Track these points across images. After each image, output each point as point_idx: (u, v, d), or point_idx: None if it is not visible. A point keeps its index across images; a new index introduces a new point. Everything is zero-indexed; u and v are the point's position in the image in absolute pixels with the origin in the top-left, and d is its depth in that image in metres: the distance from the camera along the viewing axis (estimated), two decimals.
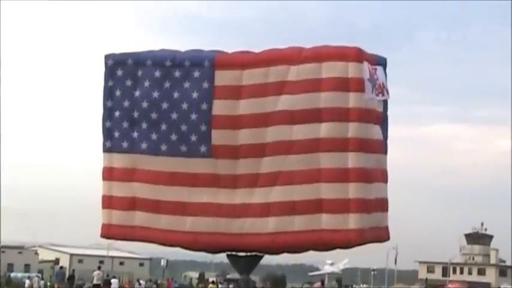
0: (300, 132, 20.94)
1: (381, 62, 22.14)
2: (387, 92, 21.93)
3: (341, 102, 20.73)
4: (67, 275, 55.24)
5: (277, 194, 21.17)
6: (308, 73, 20.96)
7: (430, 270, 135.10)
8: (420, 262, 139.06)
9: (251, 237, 21.45)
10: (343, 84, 20.71)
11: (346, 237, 20.72)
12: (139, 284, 57.93)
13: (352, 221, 20.54)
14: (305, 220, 20.86)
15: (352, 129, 20.72)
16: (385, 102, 22.06)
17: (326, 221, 20.70)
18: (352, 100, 20.73)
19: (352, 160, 20.66)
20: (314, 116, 20.84)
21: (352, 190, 20.61)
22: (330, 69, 20.83)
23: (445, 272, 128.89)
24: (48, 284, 62.80)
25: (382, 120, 21.86)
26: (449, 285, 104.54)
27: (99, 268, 52.85)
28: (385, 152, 22.24)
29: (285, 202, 21.05)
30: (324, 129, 20.81)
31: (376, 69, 21.50)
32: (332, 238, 20.86)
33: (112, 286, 55.29)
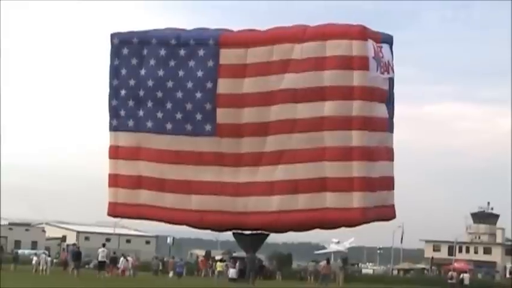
0: (303, 110, 20.96)
1: (387, 40, 22.11)
2: (392, 70, 21.91)
3: (345, 81, 20.74)
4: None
5: (281, 172, 21.23)
6: (312, 51, 20.96)
7: (436, 249, 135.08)
8: (426, 241, 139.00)
9: (256, 216, 21.54)
10: (347, 63, 20.72)
11: (349, 215, 20.80)
12: (127, 260, 57.70)
13: (356, 200, 20.62)
14: (309, 199, 20.94)
15: (356, 108, 20.73)
16: (390, 80, 22.04)
17: (330, 199, 20.78)
18: (356, 78, 20.74)
19: (356, 139, 20.69)
20: (318, 94, 20.86)
21: (356, 169, 20.66)
22: (334, 48, 20.83)
23: (451, 251, 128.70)
24: (55, 261, 63.11)
25: (387, 98, 21.84)
26: (455, 264, 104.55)
27: (103, 245, 53.00)
28: (391, 131, 22.25)
29: (288, 181, 21.12)
30: (328, 108, 20.84)
31: (381, 48, 21.48)
32: (335, 217, 20.95)
33: (124, 264, 55.59)
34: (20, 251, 77.93)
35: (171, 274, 60.51)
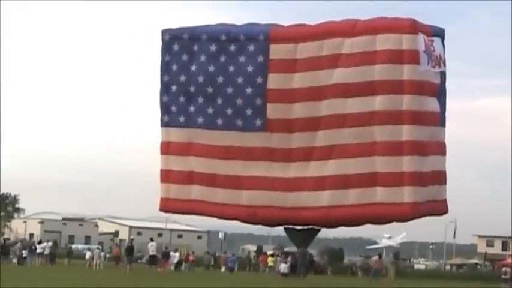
0: (353, 105, 20.89)
1: (439, 33, 21.91)
2: (444, 64, 21.70)
3: (395, 75, 20.61)
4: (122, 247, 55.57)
5: (331, 167, 21.19)
6: (362, 46, 20.87)
7: (490, 244, 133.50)
8: (479, 236, 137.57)
9: (307, 211, 21.54)
10: (398, 57, 20.58)
11: (400, 210, 20.68)
12: (169, 256, 57.61)
13: (407, 195, 20.49)
14: (359, 194, 20.87)
15: (407, 102, 20.59)
16: (442, 74, 21.83)
17: (380, 194, 20.69)
18: (406, 72, 20.59)
19: (406, 133, 20.56)
20: (368, 89, 20.76)
21: (407, 163, 20.53)
22: (384, 42, 20.71)
23: (504, 246, 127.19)
24: (107, 255, 63.70)
25: (438, 92, 21.64)
26: (509, 260, 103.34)
27: (151, 240, 53.25)
28: (443, 125, 22.05)
29: (339, 176, 21.06)
30: (378, 103, 20.73)
31: (433, 41, 21.30)
32: (386, 212, 20.85)
33: (171, 259, 55.87)
34: (73, 246, 78.89)
35: (223, 269, 60.81)
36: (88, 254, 56.87)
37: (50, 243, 55.43)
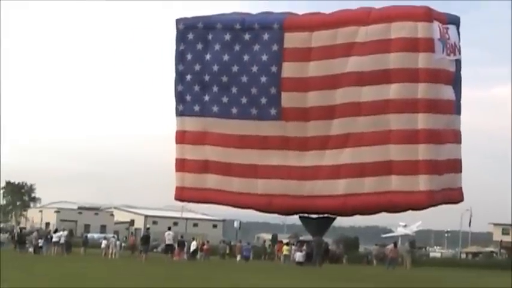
0: (368, 93, 20.85)
1: (454, 21, 21.82)
2: (459, 52, 21.62)
3: (410, 63, 20.56)
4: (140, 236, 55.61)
5: (347, 156, 21.18)
6: (377, 34, 20.82)
7: (505, 232, 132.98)
8: (495, 224, 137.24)
9: (322, 200, 21.55)
10: (413, 45, 20.52)
11: (416, 199, 20.66)
12: (184, 245, 57.50)
13: (422, 183, 20.46)
14: (375, 182, 20.85)
15: (422, 90, 20.53)
16: (457, 62, 21.75)
17: (396, 182, 20.66)
18: (421, 61, 20.53)
19: (421, 121, 20.52)
20: (383, 77, 20.72)
21: (422, 152, 20.50)
22: (398, 30, 20.65)
23: None
24: (123, 244, 63.81)
25: (453, 80, 21.57)
26: None
27: (169, 228, 53.37)
28: (458, 113, 21.98)
29: (354, 164, 21.06)
30: (393, 91, 20.68)
31: (447, 29, 21.22)
32: (402, 200, 20.83)
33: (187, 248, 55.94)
34: (89, 235, 79.15)
35: (238, 258, 60.89)
36: (104, 243, 56.99)
37: (65, 232, 55.56)
